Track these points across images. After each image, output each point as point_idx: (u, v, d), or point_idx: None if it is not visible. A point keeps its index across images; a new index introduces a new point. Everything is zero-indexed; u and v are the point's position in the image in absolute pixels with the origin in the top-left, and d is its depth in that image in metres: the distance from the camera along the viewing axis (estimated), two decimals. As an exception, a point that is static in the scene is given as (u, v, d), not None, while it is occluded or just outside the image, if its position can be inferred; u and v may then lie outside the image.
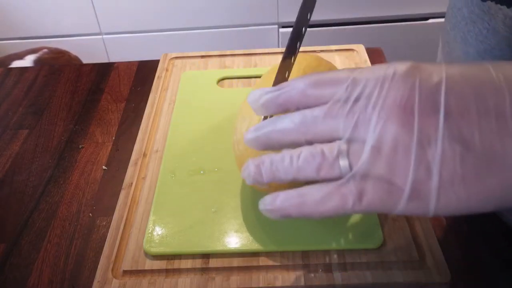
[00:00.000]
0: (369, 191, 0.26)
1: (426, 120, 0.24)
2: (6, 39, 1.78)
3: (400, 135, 0.24)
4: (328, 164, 0.28)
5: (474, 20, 0.53)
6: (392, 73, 0.27)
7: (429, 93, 0.25)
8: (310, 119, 0.28)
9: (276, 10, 1.70)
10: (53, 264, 0.54)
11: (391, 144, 0.24)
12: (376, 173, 0.25)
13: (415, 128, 0.24)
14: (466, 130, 0.23)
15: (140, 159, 0.62)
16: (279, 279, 0.48)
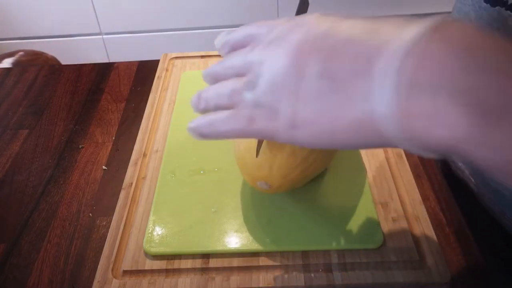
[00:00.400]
0: (258, 117, 0.31)
1: (308, 60, 0.28)
2: (6, 39, 1.78)
3: (286, 72, 0.28)
4: (236, 94, 0.33)
5: (482, 26, 0.51)
6: (301, 22, 0.31)
7: (317, 38, 0.28)
8: (234, 60, 0.35)
9: (276, 10, 1.70)
10: (53, 264, 0.54)
11: (277, 79, 0.29)
12: (265, 102, 0.30)
13: (298, 66, 0.28)
14: (335, 69, 0.26)
15: (140, 159, 0.62)
16: (279, 279, 0.48)
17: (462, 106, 0.21)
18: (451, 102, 0.22)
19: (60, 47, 1.80)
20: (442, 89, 0.22)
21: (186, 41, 1.79)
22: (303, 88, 0.28)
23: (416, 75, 0.22)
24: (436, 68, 0.22)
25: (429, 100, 0.22)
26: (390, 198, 0.55)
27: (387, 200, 0.55)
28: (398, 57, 0.23)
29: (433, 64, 0.22)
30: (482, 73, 0.21)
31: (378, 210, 0.54)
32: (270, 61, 0.30)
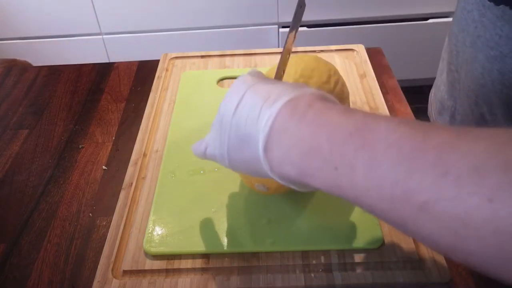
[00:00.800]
0: (208, 152, 0.44)
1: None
2: (6, 39, 1.78)
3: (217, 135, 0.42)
4: None
5: (485, 24, 0.51)
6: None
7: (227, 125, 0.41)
8: None
9: (276, 10, 1.70)
10: (53, 264, 0.54)
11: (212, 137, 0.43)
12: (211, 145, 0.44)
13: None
14: (234, 140, 0.39)
15: (140, 159, 0.62)
16: (279, 279, 0.48)
17: (294, 153, 0.34)
18: (286, 155, 0.35)
19: (60, 47, 1.80)
20: (282, 149, 0.35)
21: (186, 41, 1.79)
22: (228, 145, 0.40)
23: (272, 143, 0.35)
24: (284, 138, 0.35)
25: (279, 154, 0.35)
26: (390, 198, 0.55)
27: (387, 200, 0.55)
28: (265, 134, 0.35)
29: (281, 136, 0.35)
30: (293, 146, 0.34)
31: (378, 210, 0.54)
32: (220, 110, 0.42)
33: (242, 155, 0.39)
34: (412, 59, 1.79)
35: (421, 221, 0.27)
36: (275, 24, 1.75)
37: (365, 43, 0.83)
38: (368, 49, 0.82)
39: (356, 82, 0.74)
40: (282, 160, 0.35)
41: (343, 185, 0.31)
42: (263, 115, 0.36)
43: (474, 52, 0.54)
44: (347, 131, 0.31)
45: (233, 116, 0.38)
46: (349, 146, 0.30)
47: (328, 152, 0.31)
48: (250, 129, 0.37)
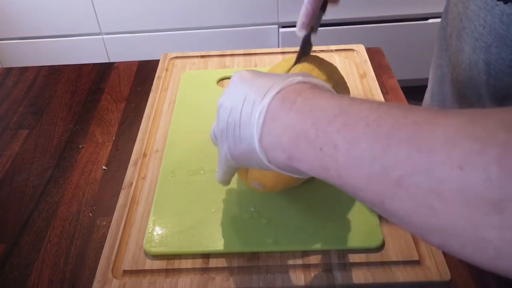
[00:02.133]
0: (221, 155, 0.44)
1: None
2: (6, 39, 1.78)
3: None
4: None
5: (469, 16, 0.51)
6: None
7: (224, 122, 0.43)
8: None
9: (276, 10, 1.70)
10: (53, 264, 0.54)
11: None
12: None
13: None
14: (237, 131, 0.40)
15: (140, 159, 0.62)
16: (279, 279, 0.48)
17: (284, 139, 0.35)
18: (277, 142, 0.36)
19: (60, 47, 1.80)
20: (273, 137, 0.36)
21: (186, 41, 1.79)
22: (228, 142, 0.42)
23: (265, 132, 0.37)
24: (275, 127, 0.36)
25: (271, 142, 0.37)
26: (390, 198, 0.55)
27: (387, 200, 0.55)
28: (259, 125, 0.37)
29: (272, 125, 0.36)
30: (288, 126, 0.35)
31: (378, 210, 0.54)
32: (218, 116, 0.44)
33: (241, 150, 0.40)
34: (412, 59, 1.79)
35: (397, 198, 0.28)
36: (275, 24, 1.75)
37: (365, 43, 0.83)
38: (368, 49, 0.82)
39: (356, 82, 0.74)
40: (274, 147, 0.36)
41: (328, 166, 0.32)
42: (256, 109, 0.37)
43: (461, 44, 0.54)
44: (332, 113, 0.33)
45: (230, 115, 0.40)
46: (333, 127, 0.32)
47: (314, 135, 0.33)
48: (246, 124, 0.38)
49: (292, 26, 1.74)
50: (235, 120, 0.39)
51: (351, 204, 0.54)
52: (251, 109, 0.38)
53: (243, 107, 0.39)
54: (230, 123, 0.40)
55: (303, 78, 0.38)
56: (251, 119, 0.38)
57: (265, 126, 0.37)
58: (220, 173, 0.47)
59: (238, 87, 0.40)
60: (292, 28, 1.74)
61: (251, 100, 0.38)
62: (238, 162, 0.42)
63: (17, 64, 1.78)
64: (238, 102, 0.39)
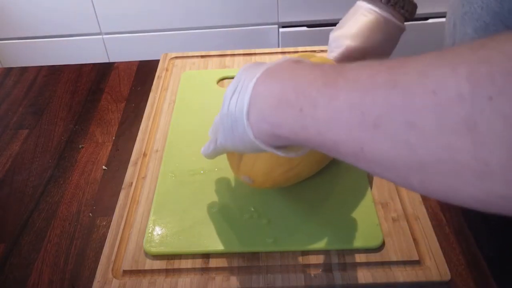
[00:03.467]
0: (218, 143, 0.46)
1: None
2: (6, 39, 1.78)
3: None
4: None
5: (470, 0, 0.55)
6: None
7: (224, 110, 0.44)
8: None
9: (276, 10, 1.70)
10: (53, 264, 0.54)
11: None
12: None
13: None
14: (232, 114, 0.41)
15: (140, 159, 0.62)
16: (279, 279, 0.48)
17: (266, 108, 0.37)
18: (261, 113, 0.38)
19: (60, 47, 1.80)
20: (257, 109, 0.38)
21: (186, 41, 1.78)
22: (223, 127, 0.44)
23: (251, 108, 0.38)
24: (259, 100, 0.38)
25: (255, 114, 0.38)
26: (390, 198, 0.55)
27: (387, 200, 0.55)
28: (247, 102, 0.39)
29: (256, 99, 0.38)
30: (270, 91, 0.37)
31: (378, 210, 0.54)
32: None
33: (236, 134, 0.41)
34: (412, 59, 1.79)
35: (376, 140, 0.28)
36: (275, 24, 1.75)
37: (365, 43, 0.83)
38: (368, 49, 0.82)
39: (356, 82, 0.74)
40: (258, 119, 0.38)
41: (307, 124, 0.33)
42: (246, 88, 0.39)
43: (464, 28, 0.57)
44: (312, 77, 0.34)
45: (229, 102, 0.41)
46: (313, 87, 0.33)
47: (294, 98, 0.34)
48: (239, 105, 0.40)
49: (292, 26, 1.74)
50: (231, 104, 0.41)
51: (351, 204, 0.54)
52: (244, 90, 0.39)
53: (238, 90, 0.40)
54: (230, 109, 0.41)
55: (291, 57, 0.39)
56: (244, 99, 0.39)
57: (251, 101, 0.38)
58: (209, 152, 0.48)
59: (238, 75, 0.42)
60: (292, 28, 1.74)
61: (245, 82, 0.40)
62: (236, 148, 0.43)
63: (17, 64, 1.78)
64: (236, 86, 0.41)
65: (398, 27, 0.60)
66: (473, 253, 0.52)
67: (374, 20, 0.58)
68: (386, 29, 0.58)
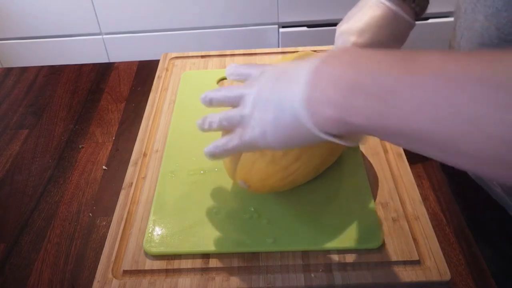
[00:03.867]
0: (245, 133, 0.43)
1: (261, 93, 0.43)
2: (6, 39, 1.78)
3: (255, 101, 0.42)
4: (232, 119, 0.45)
5: None
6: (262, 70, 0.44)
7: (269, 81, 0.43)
8: (230, 92, 0.47)
9: (276, 10, 1.70)
10: (53, 264, 0.54)
11: (254, 104, 0.43)
12: (248, 121, 0.43)
13: (258, 95, 0.42)
14: (277, 92, 0.41)
15: (140, 159, 0.62)
16: (279, 279, 0.48)
17: (335, 93, 0.35)
18: (325, 97, 0.36)
19: (60, 47, 1.80)
20: (321, 92, 0.36)
21: (186, 41, 1.78)
22: (260, 119, 0.41)
23: (310, 89, 0.37)
24: (321, 83, 0.36)
25: (318, 98, 0.36)
26: (390, 198, 0.55)
27: (387, 200, 0.55)
28: (302, 82, 0.37)
29: (319, 81, 0.37)
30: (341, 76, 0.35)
31: (378, 210, 0.54)
32: (251, 94, 0.43)
33: (281, 124, 0.39)
34: (412, 59, 1.79)
35: (471, 136, 0.28)
36: (275, 24, 1.75)
37: (365, 43, 0.83)
38: (368, 49, 0.82)
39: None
40: (322, 103, 0.36)
41: (386, 111, 0.32)
42: (298, 74, 0.37)
43: (474, 15, 0.57)
44: (388, 64, 0.33)
45: (272, 87, 0.39)
46: (390, 75, 0.32)
47: (370, 84, 0.33)
48: (287, 89, 0.38)
49: (292, 26, 1.74)
50: (277, 90, 0.39)
51: (351, 204, 0.54)
52: (295, 77, 0.38)
53: (287, 78, 0.39)
54: (274, 95, 0.39)
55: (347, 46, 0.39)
56: (295, 82, 0.37)
57: (310, 87, 0.36)
58: (229, 148, 0.45)
59: (274, 70, 0.41)
60: (292, 28, 1.74)
61: (292, 70, 0.38)
62: (275, 139, 0.41)
63: (17, 64, 1.78)
64: (280, 77, 0.39)
65: (408, 22, 0.57)
66: (473, 253, 0.52)
67: (382, 14, 0.55)
68: (395, 24, 0.56)
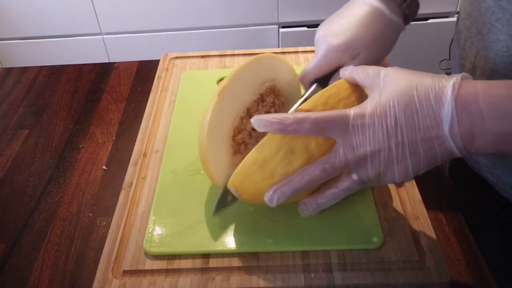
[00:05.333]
0: (372, 173, 0.43)
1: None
2: (6, 39, 1.78)
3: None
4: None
5: (503, 7, 0.53)
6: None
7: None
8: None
9: (276, 10, 1.70)
10: (53, 264, 0.54)
11: None
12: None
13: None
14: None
15: (140, 159, 0.62)
16: (279, 279, 0.48)
17: (486, 126, 0.38)
18: (480, 126, 0.38)
19: (60, 47, 1.80)
20: (473, 121, 0.38)
21: (186, 41, 1.79)
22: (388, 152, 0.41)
23: (460, 117, 0.38)
24: (471, 111, 0.38)
25: (469, 126, 0.38)
26: (390, 198, 0.55)
27: (387, 200, 0.55)
28: (450, 110, 0.38)
29: (467, 110, 0.38)
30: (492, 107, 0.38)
31: (378, 210, 0.54)
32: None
33: (420, 151, 0.39)
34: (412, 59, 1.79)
35: None
36: (275, 24, 1.75)
37: (365, 43, 0.83)
38: (368, 49, 0.82)
39: (356, 82, 0.74)
40: (474, 132, 0.37)
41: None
42: (440, 94, 0.38)
43: (495, 35, 0.55)
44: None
45: (404, 109, 0.39)
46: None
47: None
48: (427, 114, 0.38)
49: (292, 26, 1.74)
50: (410, 113, 0.39)
51: (351, 204, 0.54)
52: (433, 96, 0.38)
53: (422, 97, 0.39)
54: (407, 119, 0.39)
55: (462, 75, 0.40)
56: (444, 108, 0.38)
57: (458, 110, 0.38)
58: (340, 192, 0.45)
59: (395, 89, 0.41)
60: (292, 28, 1.74)
61: (428, 88, 0.39)
62: (418, 169, 0.41)
63: (17, 64, 1.78)
64: (409, 95, 0.39)
65: (395, 23, 0.55)
66: (473, 253, 0.52)
67: (367, 12, 0.53)
68: (380, 24, 0.54)
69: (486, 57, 0.57)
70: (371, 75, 0.45)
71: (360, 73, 0.46)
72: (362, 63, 0.53)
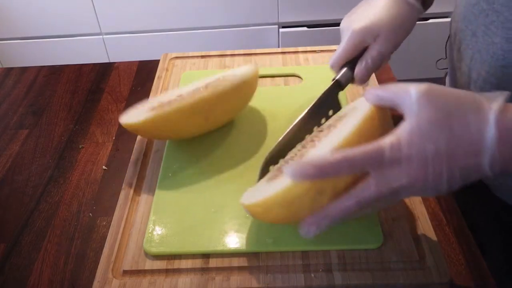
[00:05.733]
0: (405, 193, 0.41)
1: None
2: (6, 39, 1.78)
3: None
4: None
5: (497, 9, 0.53)
6: None
7: None
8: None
9: (276, 10, 1.70)
10: (53, 264, 0.54)
11: None
12: None
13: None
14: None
15: (140, 159, 0.62)
16: (279, 279, 0.48)
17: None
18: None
19: (60, 47, 1.80)
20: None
21: (186, 41, 1.79)
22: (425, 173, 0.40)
23: (506, 142, 0.37)
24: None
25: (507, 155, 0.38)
26: (390, 198, 0.55)
27: (387, 200, 0.55)
28: (492, 135, 0.38)
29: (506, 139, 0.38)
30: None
31: (378, 210, 0.54)
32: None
33: (459, 174, 0.38)
34: (412, 59, 1.79)
35: None
36: (275, 24, 1.75)
37: (365, 43, 0.83)
38: (368, 49, 0.82)
39: (356, 82, 0.74)
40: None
41: None
42: (483, 122, 0.38)
43: (489, 38, 0.55)
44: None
45: (444, 138, 0.38)
46: None
47: None
48: (468, 143, 0.38)
49: (292, 26, 1.74)
50: (449, 135, 0.38)
51: (351, 204, 0.54)
52: (478, 121, 0.38)
53: (458, 120, 0.38)
54: (447, 140, 0.38)
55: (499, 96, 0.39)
56: (486, 129, 0.37)
57: (499, 145, 0.37)
58: (351, 211, 0.41)
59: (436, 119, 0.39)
60: (292, 28, 1.74)
61: (465, 113, 0.38)
62: (452, 186, 0.40)
63: (17, 64, 1.78)
64: (447, 118, 0.38)
65: (414, 6, 0.59)
66: (473, 253, 0.52)
67: (387, 1, 0.57)
68: (400, 8, 0.57)
69: (481, 60, 0.57)
70: (399, 94, 0.42)
71: (385, 94, 0.44)
72: (384, 43, 0.56)
